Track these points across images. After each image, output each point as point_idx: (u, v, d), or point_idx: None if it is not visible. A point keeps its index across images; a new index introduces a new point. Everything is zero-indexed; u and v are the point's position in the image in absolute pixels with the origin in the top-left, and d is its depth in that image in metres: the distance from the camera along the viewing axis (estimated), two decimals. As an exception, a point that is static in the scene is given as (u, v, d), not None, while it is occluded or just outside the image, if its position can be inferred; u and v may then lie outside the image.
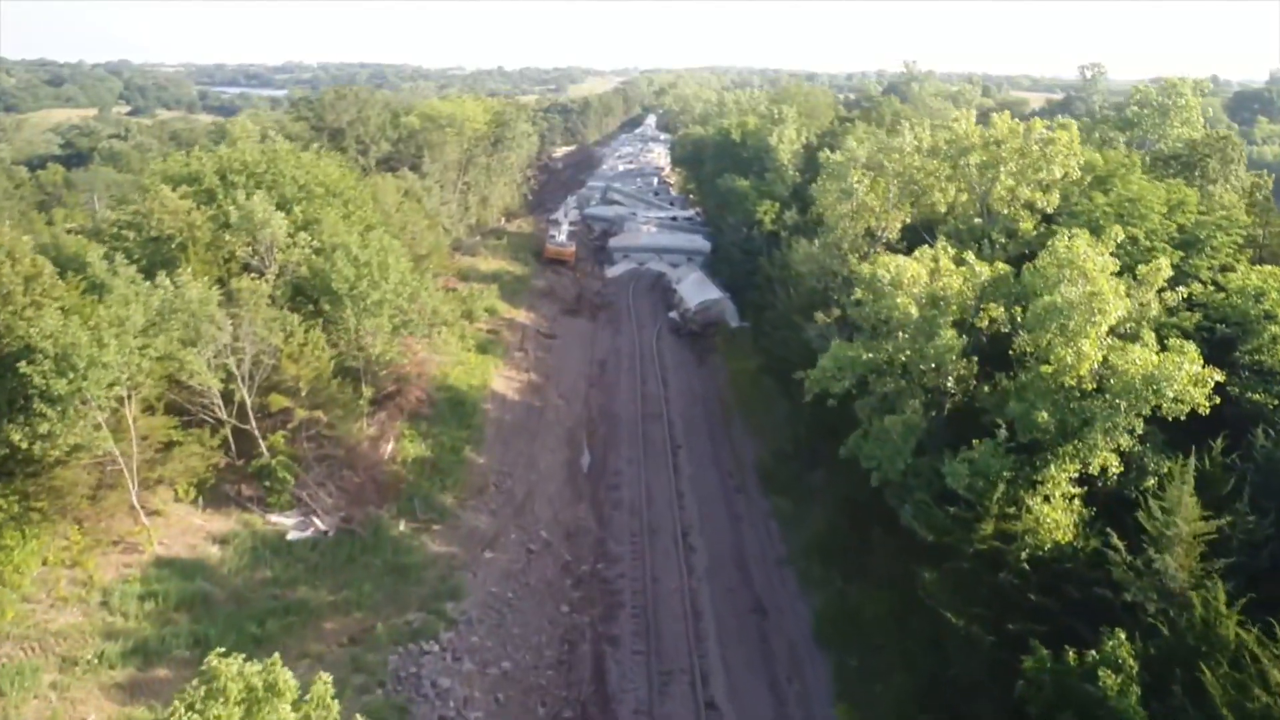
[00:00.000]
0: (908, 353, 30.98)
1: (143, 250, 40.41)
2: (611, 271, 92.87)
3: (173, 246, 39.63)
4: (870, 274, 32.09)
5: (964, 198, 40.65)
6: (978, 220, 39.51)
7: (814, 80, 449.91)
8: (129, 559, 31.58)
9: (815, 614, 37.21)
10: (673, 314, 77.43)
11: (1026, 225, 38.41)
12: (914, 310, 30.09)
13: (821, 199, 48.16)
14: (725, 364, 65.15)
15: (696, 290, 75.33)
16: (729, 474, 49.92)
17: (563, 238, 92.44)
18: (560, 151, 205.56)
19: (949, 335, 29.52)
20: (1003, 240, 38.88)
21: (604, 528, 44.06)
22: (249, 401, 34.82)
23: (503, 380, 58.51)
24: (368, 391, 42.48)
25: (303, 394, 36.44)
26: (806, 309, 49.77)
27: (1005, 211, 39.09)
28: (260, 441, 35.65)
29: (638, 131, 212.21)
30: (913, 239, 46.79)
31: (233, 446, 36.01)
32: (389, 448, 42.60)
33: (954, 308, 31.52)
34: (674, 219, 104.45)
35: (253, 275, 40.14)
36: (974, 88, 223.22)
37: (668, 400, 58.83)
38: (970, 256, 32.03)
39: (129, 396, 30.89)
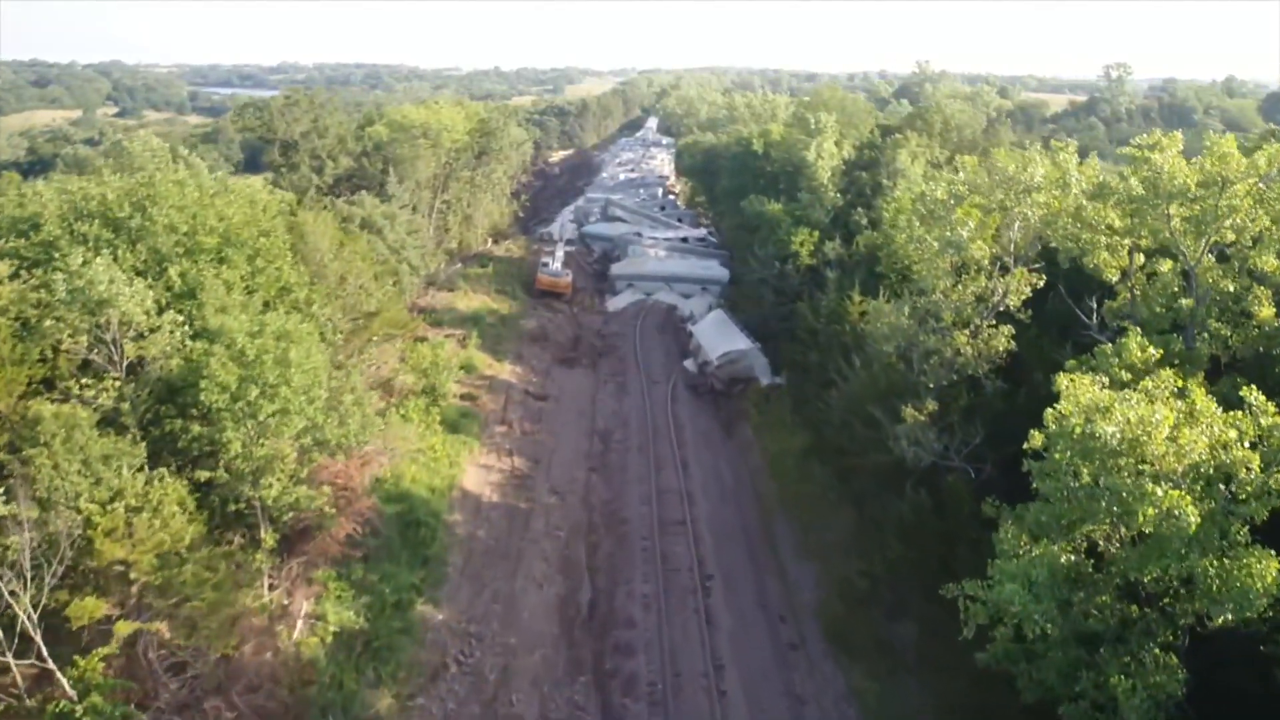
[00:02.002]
0: (1165, 571, 17.17)
1: (-81, 343, 26.57)
2: (614, 304, 78.92)
3: (-44, 340, 25.73)
4: (1078, 429, 18.16)
5: (1165, 265, 26.67)
6: (1185, 301, 25.57)
7: (814, 80, 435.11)
8: None
9: None
10: (688, 363, 63.57)
11: (1265, 311, 24.57)
12: (1190, 512, 16.19)
13: (909, 250, 34.36)
14: (759, 439, 51.25)
15: (719, 337, 61.37)
16: (780, 619, 36.06)
17: (557, 265, 78.44)
18: (557, 156, 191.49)
19: (1269, 572, 15.64)
20: (1225, 333, 25.07)
21: (612, 728, 30.26)
22: (32, 617, 20.87)
23: (478, 472, 44.58)
24: (269, 540, 28.59)
25: (137, 585, 22.55)
26: (886, 395, 36.08)
27: (1228, 287, 25.23)
28: (58, 674, 21.73)
29: (638, 135, 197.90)
30: (1041, 307, 33.10)
31: (19, 680, 22.07)
32: (298, 626, 28.69)
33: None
34: (684, 240, 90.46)
35: (85, 382, 26.32)
36: (991, 88, 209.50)
37: (690, 497, 44.90)
38: (1256, 396, 18.07)
39: None
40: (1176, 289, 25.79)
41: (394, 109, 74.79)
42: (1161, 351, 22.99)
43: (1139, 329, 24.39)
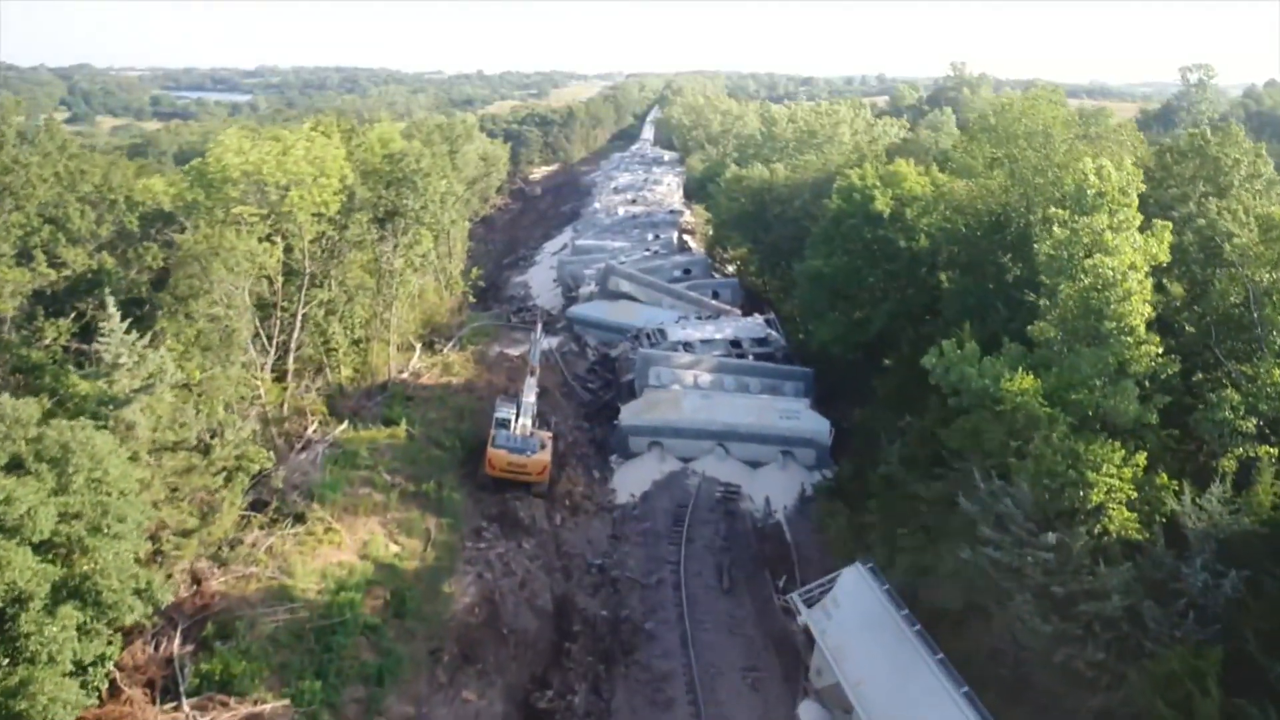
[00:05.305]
0: None
1: None
2: (625, 482, 42.35)
3: None
4: None
5: None
6: None
7: (810, 85, 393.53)
8: None
9: None
10: (808, 714, 27.16)
11: None
12: None
13: None
14: None
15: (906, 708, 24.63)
16: None
17: (525, 422, 41.13)
18: (538, 173, 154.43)
19: None
20: None
21: None
22: None
23: None
24: None
25: None
26: None
27: None
28: None
29: (634, 150, 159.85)
30: None
31: None
32: None
33: None
34: (736, 344, 53.70)
35: None
36: (1044, 92, 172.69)
37: None
38: None
39: None
40: None
41: (216, 145, 37.91)
42: None
43: None
